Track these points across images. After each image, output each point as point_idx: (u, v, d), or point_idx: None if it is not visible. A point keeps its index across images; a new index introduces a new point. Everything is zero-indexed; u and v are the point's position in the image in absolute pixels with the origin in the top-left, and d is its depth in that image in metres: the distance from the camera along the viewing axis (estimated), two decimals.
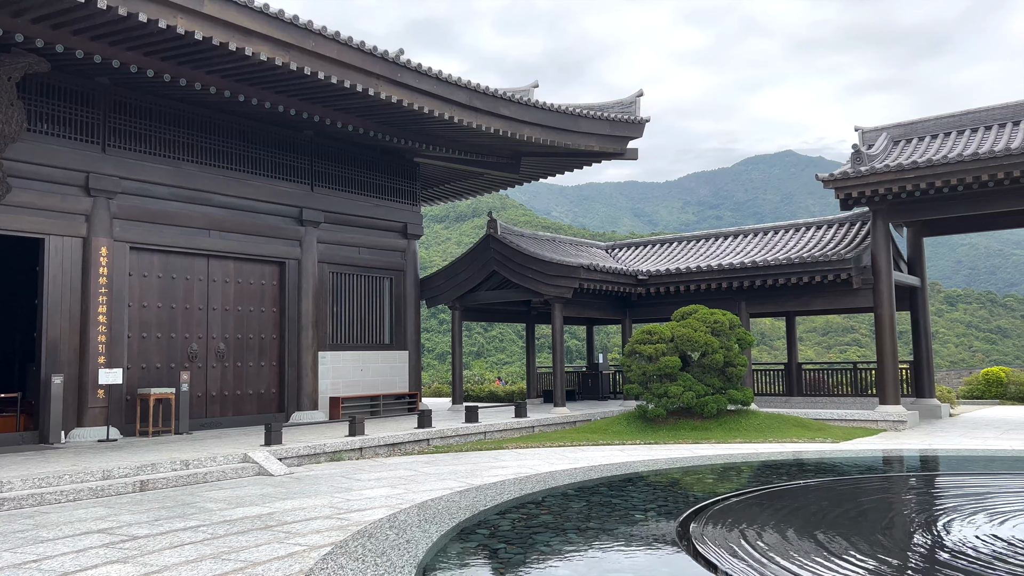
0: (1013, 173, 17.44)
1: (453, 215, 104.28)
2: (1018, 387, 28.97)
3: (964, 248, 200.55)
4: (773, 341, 75.74)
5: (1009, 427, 19.29)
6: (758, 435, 17.52)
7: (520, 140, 19.64)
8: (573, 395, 27.76)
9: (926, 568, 4.75)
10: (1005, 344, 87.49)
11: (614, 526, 5.91)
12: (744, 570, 4.61)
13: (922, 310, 23.19)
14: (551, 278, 20.84)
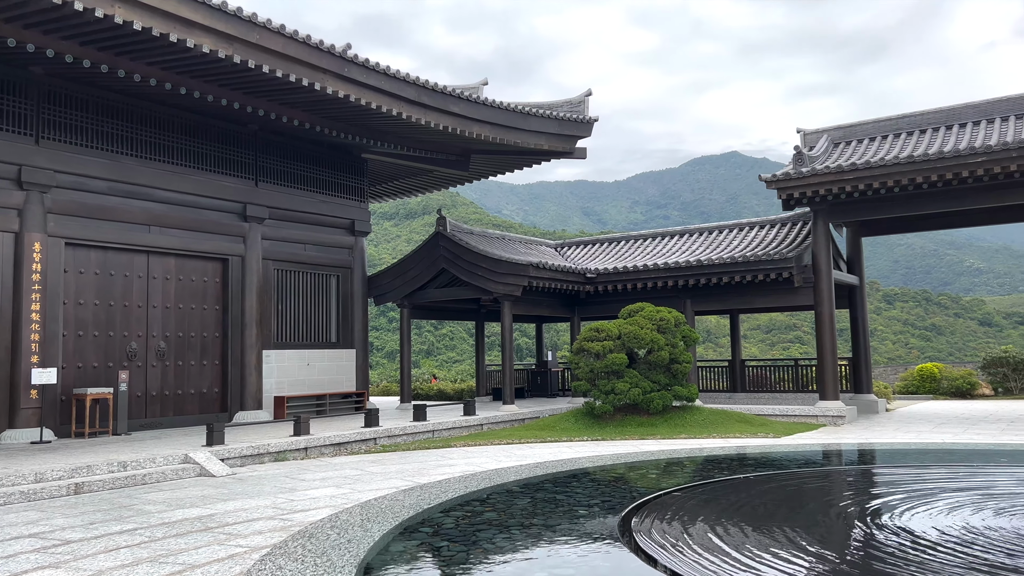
0: (945, 176, 18.05)
1: (403, 212, 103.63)
2: (950, 382, 30.01)
3: (901, 248, 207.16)
4: (718, 338, 77.10)
5: (941, 421, 19.97)
6: (702, 431, 17.81)
7: (470, 138, 19.60)
8: (523, 393, 27.84)
9: (857, 556, 4.89)
10: (939, 341, 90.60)
11: (558, 522, 5.94)
12: (683, 563, 4.68)
13: (860, 308, 23.86)
14: (501, 276, 20.85)
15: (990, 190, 18.53)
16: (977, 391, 29.71)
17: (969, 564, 4.59)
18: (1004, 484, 7.54)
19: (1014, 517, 5.90)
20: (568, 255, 27.25)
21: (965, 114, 20.59)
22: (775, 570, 4.55)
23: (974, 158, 17.63)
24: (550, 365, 28.21)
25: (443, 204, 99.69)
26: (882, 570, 4.61)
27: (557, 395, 27.71)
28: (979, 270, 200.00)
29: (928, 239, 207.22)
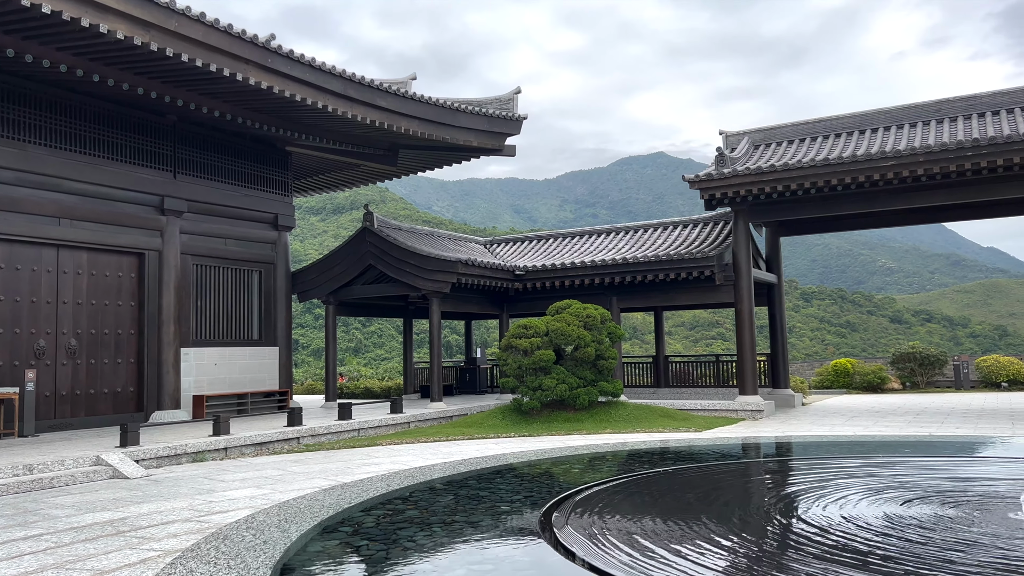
0: (859, 178, 18.80)
1: (330, 207, 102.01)
2: (863, 377, 31.31)
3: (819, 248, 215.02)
4: (644, 335, 78.52)
5: (853, 414, 20.81)
6: (627, 425, 18.10)
7: (398, 132, 19.42)
8: (451, 390, 27.78)
9: (770, 545, 5.04)
10: (853, 338, 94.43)
11: (480, 518, 5.95)
12: (600, 556, 4.74)
13: (778, 306, 24.64)
14: (429, 272, 20.74)
15: (900, 193, 19.38)
16: (887, 385, 31.08)
17: (875, 549, 4.79)
18: (908, 474, 7.91)
19: (916, 505, 6.18)
20: (498, 252, 27.30)
21: (878, 119, 21.48)
22: (689, 561, 4.65)
23: (885, 162, 18.40)
24: (479, 362, 28.23)
25: (372, 199, 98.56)
26: (793, 558, 4.77)
27: (486, 392, 27.74)
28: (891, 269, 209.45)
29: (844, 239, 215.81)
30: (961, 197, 19.08)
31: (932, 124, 20.38)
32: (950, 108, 20.62)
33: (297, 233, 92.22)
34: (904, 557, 4.59)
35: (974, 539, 4.98)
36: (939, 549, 4.72)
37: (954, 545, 4.81)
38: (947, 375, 31.39)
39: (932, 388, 30.91)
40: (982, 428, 16.48)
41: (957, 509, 5.96)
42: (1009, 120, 19.03)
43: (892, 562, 4.44)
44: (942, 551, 4.66)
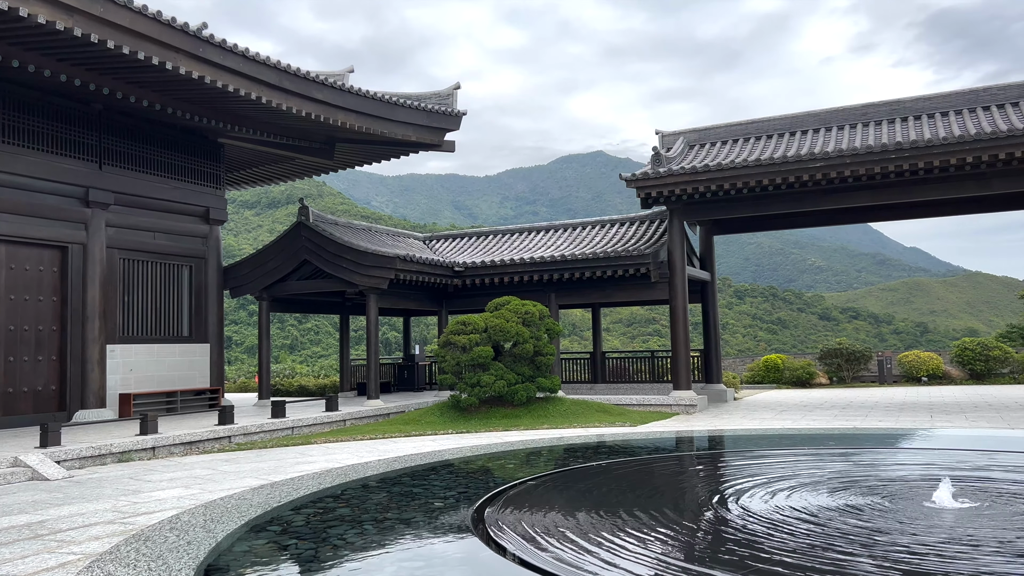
0: (789, 179, 19.31)
1: (265, 201, 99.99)
2: (792, 372, 32.22)
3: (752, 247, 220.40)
4: (583, 331, 79.22)
5: (783, 408, 21.39)
6: (564, 421, 18.24)
7: (334, 125, 19.13)
8: (389, 387, 27.55)
9: (700, 535, 5.14)
10: (784, 334, 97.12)
11: (412, 515, 5.91)
12: (530, 550, 4.76)
13: (712, 303, 25.16)
14: (366, 268, 20.50)
15: (828, 193, 19.98)
16: (815, 380, 32.05)
17: (800, 537, 4.93)
18: (833, 466, 8.16)
19: (839, 495, 6.39)
20: (437, 248, 27.18)
21: (807, 122, 22.10)
22: (618, 553, 4.70)
23: (813, 163, 18.94)
24: (417, 359, 28.07)
25: (309, 194, 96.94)
26: (720, 547, 4.88)
27: (424, 389, 27.61)
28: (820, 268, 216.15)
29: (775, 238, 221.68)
30: (885, 198, 19.78)
31: (859, 127, 21.07)
32: (875, 112, 21.35)
33: (231, 227, 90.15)
34: (827, 544, 4.73)
35: (891, 526, 5.17)
36: (859, 535, 4.89)
37: (873, 531, 4.99)
38: (872, 370, 32.55)
39: (857, 383, 32.02)
40: (903, 421, 17.14)
41: (878, 498, 6.17)
42: (930, 125, 19.81)
43: (815, 549, 4.58)
44: (862, 537, 4.83)
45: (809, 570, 4.25)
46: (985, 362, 30.38)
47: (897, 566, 4.21)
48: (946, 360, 31.92)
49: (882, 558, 4.39)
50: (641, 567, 4.45)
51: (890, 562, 4.30)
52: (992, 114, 19.48)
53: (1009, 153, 17.42)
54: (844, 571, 4.23)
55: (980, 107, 20.03)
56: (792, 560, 4.41)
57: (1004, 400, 21.84)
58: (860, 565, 4.31)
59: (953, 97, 20.73)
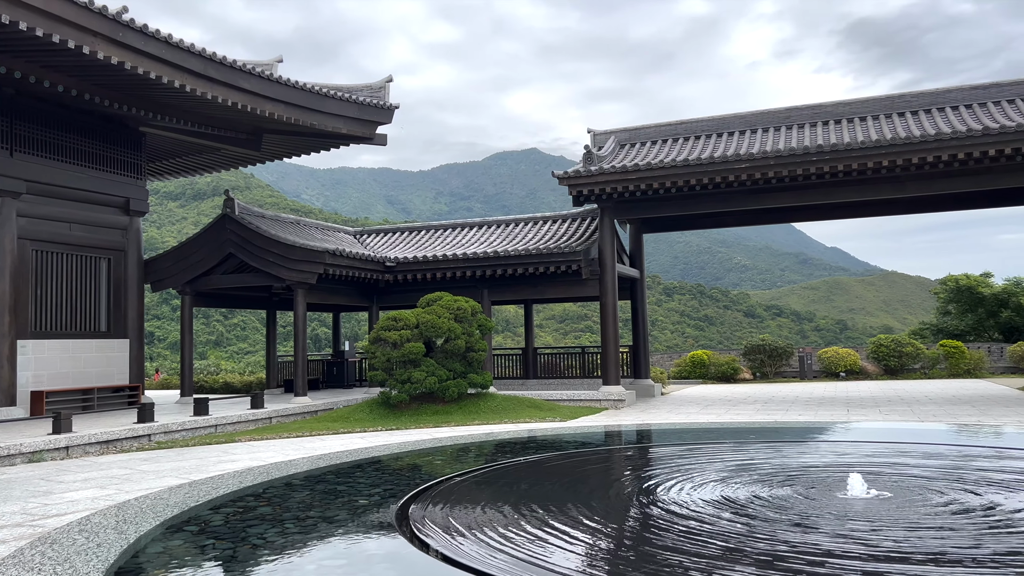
0: (715, 179, 19.75)
1: (190, 192, 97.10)
2: (718, 368, 33.02)
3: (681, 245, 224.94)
4: (516, 328, 79.53)
5: (708, 403, 21.89)
6: (495, 417, 18.27)
7: (262, 116, 18.68)
8: (317, 384, 27.12)
9: (623, 529, 5.21)
10: (711, 331, 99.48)
11: (336, 513, 5.81)
12: (454, 546, 4.74)
13: (641, 299, 25.57)
14: (294, 263, 20.11)
15: (753, 194, 20.52)
16: (740, 376, 32.92)
17: (722, 526, 5.05)
18: (753, 458, 8.39)
19: (760, 486, 6.56)
20: (368, 243, 26.85)
21: (734, 123, 22.64)
22: (543, 547, 4.73)
23: (739, 164, 19.42)
24: (347, 355, 27.70)
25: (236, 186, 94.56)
26: (643, 539, 4.95)
27: (354, 386, 27.27)
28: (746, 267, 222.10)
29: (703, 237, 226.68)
30: (807, 199, 20.44)
31: (783, 129, 21.70)
32: (798, 115, 22.03)
33: (154, 220, 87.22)
34: (746, 533, 4.86)
35: (804, 515, 5.34)
36: (777, 524, 5.04)
37: (789, 520, 5.15)
38: (793, 366, 33.63)
39: (779, 378, 33.03)
40: (821, 415, 17.75)
41: (795, 489, 6.37)
42: (849, 129, 20.54)
43: (735, 537, 4.70)
44: (779, 525, 4.98)
45: (719, 557, 4.35)
46: (899, 358, 31.72)
47: (807, 549, 4.36)
48: (863, 356, 33.21)
49: (794, 543, 4.54)
50: (563, 559, 4.48)
51: (801, 546, 4.45)
52: (907, 120, 20.32)
53: (922, 157, 18.20)
54: (759, 559, 4.35)
55: (896, 113, 20.87)
56: (707, 547, 4.52)
57: (915, 395, 22.85)
58: (775, 551, 4.44)
59: (871, 103, 21.55)
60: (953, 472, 7.14)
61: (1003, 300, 36.80)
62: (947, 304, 40.21)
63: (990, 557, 4.29)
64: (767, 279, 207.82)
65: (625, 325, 29.20)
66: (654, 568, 4.24)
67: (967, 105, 20.32)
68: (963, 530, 4.92)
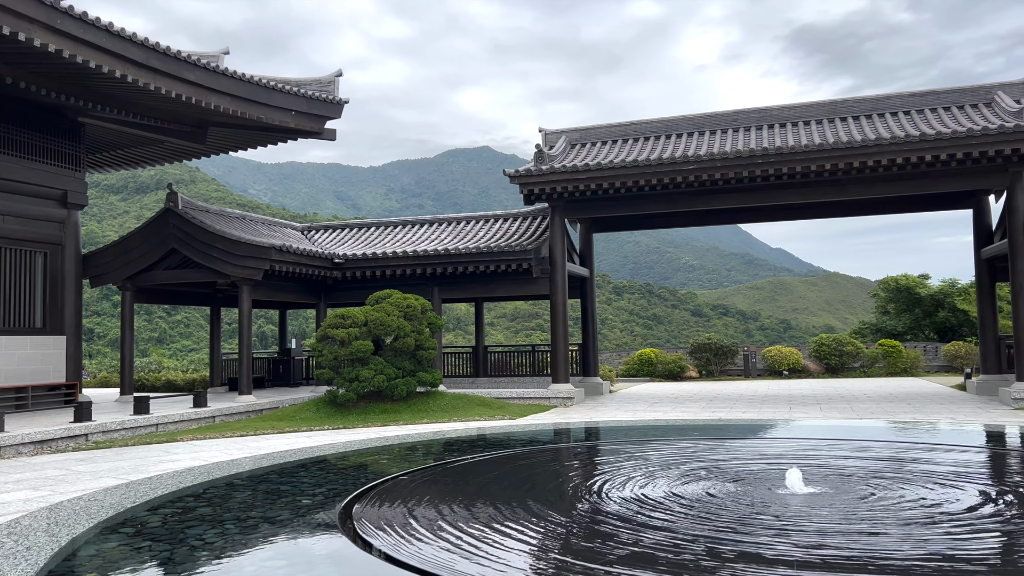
0: (663, 180, 20.00)
1: (133, 185, 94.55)
2: (665, 366, 33.46)
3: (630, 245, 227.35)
4: (467, 326, 79.41)
5: (655, 401, 22.17)
6: (445, 415, 18.21)
7: (207, 108, 18.28)
8: (263, 383, 26.68)
9: (567, 525, 5.24)
10: (659, 329, 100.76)
11: (278, 513, 5.72)
12: (396, 545, 4.71)
13: (591, 298, 25.75)
14: (239, 258, 19.73)
15: (700, 195, 20.83)
16: (686, 373, 33.41)
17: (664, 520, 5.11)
18: (697, 455, 8.52)
19: (704, 481, 6.67)
20: (316, 239, 26.50)
21: (682, 125, 22.95)
22: (486, 545, 4.72)
23: (687, 166, 19.70)
24: (294, 353, 27.31)
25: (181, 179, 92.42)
26: (583, 535, 4.99)
27: (301, 384, 26.90)
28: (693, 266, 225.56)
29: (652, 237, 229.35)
30: (753, 201, 20.83)
31: (729, 132, 22.08)
32: (745, 118, 22.43)
33: (94, 213, 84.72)
34: (688, 526, 4.93)
35: (744, 509, 5.45)
36: (716, 518, 5.13)
37: (729, 514, 5.25)
38: (738, 364, 34.26)
39: (725, 376, 33.62)
40: (764, 412, 18.12)
41: (735, 484, 6.49)
42: (793, 132, 21.00)
43: (673, 532, 4.76)
44: (719, 519, 5.07)
45: (661, 549, 4.40)
46: (839, 357, 32.56)
47: (745, 539, 4.44)
48: (805, 355, 34.01)
49: (734, 535, 4.63)
50: (506, 558, 4.48)
51: (739, 537, 4.53)
52: (848, 124, 20.86)
53: (863, 162, 18.71)
54: (699, 551, 4.42)
55: (838, 117, 21.40)
56: (649, 539, 4.57)
57: (855, 392, 23.49)
58: (717, 545, 4.52)
59: (815, 107, 22.06)
60: (887, 467, 7.36)
61: (939, 300, 38.05)
62: (886, 304, 41.41)
63: (912, 552, 4.44)
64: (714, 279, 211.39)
65: (575, 323, 29.39)
66: (593, 564, 4.28)
67: (906, 111, 20.95)
68: (890, 523, 5.08)
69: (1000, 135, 17.79)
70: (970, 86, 20.97)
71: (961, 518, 5.27)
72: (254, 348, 56.44)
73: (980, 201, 22.38)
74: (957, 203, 22.75)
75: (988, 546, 4.55)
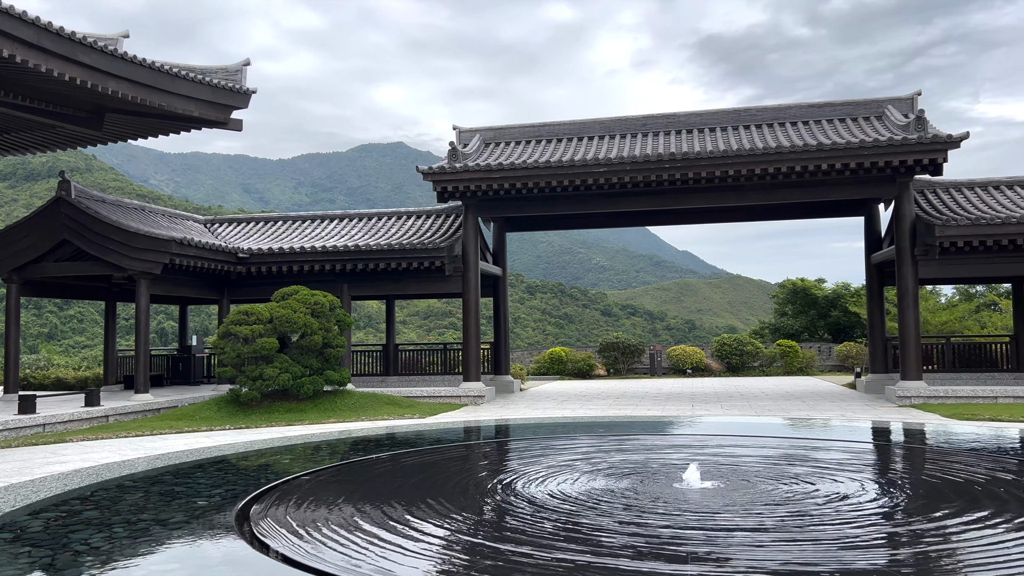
0: (575, 181, 20.29)
1: (22, 172, 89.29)
2: (575, 364, 33.96)
3: (544, 245, 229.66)
4: (379, 324, 78.45)
5: (564, 398, 22.46)
6: (352, 414, 17.95)
7: (104, 93, 17.41)
8: (161, 381, 25.67)
9: (472, 522, 5.24)
10: (570, 328, 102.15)
11: (171, 515, 5.50)
12: (293, 546, 4.62)
13: (503, 297, 25.89)
14: (137, 251, 18.91)
15: (610, 197, 21.24)
16: (595, 372, 34.00)
17: (566, 517, 5.18)
18: (602, 451, 8.67)
19: (606, 478, 6.79)
20: (221, 233, 25.66)
21: (594, 128, 23.34)
22: (385, 545, 4.68)
23: (597, 168, 20.04)
24: (195, 351, 26.39)
25: (76, 167, 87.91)
26: (483, 532, 5.00)
27: (202, 383, 26.01)
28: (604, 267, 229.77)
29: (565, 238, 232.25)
30: (661, 204, 21.38)
31: (639, 136, 22.59)
32: (654, 123, 22.99)
33: None
34: (581, 523, 5.02)
35: (643, 503, 5.59)
36: (615, 512, 5.24)
37: (627, 508, 5.37)
38: (645, 363, 35.10)
39: (632, 374, 34.39)
40: (668, 409, 18.63)
41: (636, 480, 6.65)
42: (700, 138, 21.66)
43: (569, 526, 4.84)
44: (617, 513, 5.19)
45: (558, 547, 4.47)
46: (740, 356, 33.79)
47: (639, 533, 4.57)
48: (708, 354, 35.14)
49: (630, 528, 4.75)
50: (409, 556, 4.45)
51: (634, 530, 4.65)
52: (751, 132, 21.66)
53: (763, 168, 19.46)
54: (596, 548, 4.50)
55: (742, 125, 22.20)
56: (545, 535, 4.63)
57: (753, 390, 24.43)
58: (614, 540, 4.61)
59: (720, 115, 22.81)
60: (780, 462, 7.68)
61: (833, 302, 39.98)
62: (784, 306, 43.23)
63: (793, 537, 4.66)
64: (623, 279, 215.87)
65: (488, 322, 29.45)
66: (496, 560, 4.30)
67: (804, 121, 21.92)
68: (780, 517, 5.30)
69: (889, 147, 18.84)
70: (863, 99, 22.13)
71: (841, 507, 5.55)
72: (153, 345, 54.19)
73: (871, 209, 23.65)
74: (851, 211, 23.96)
75: (868, 531, 4.82)
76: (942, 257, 19.54)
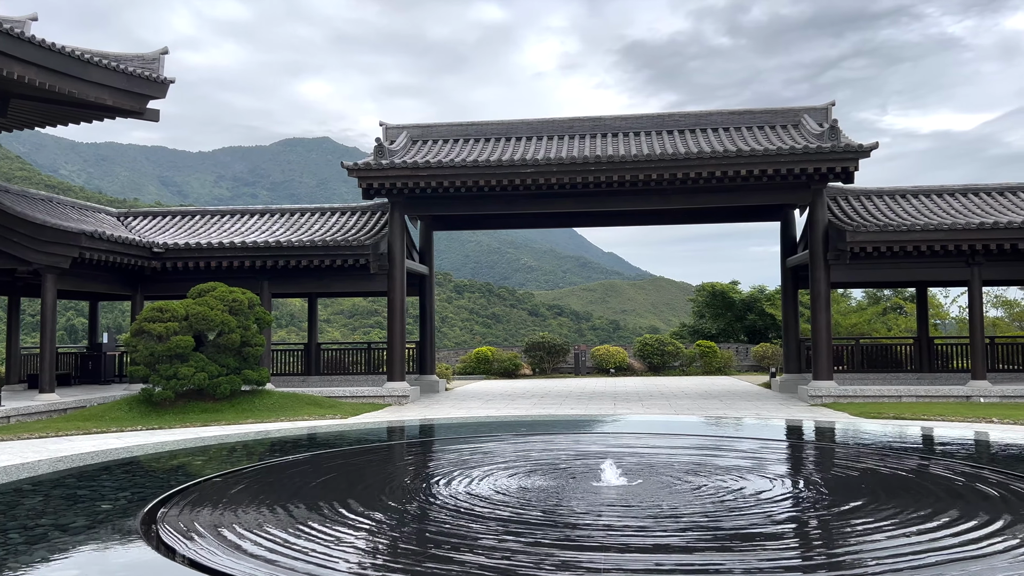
0: (502, 181, 20.34)
1: None
2: (501, 363, 34.04)
3: (472, 244, 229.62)
4: (301, 322, 76.94)
5: (489, 398, 22.49)
6: (271, 414, 17.55)
7: (9, 78, 16.54)
8: (69, 380, 24.57)
9: (386, 523, 5.19)
10: (498, 328, 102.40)
11: (73, 520, 5.27)
12: (200, 550, 4.48)
13: (429, 296, 25.74)
14: (43, 244, 18.04)
15: (537, 198, 21.37)
16: (521, 371, 34.17)
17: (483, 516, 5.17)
18: (524, 451, 8.71)
19: (525, 477, 6.82)
20: (135, 226, 24.72)
21: (521, 129, 23.44)
22: (296, 548, 4.59)
23: (524, 169, 20.14)
24: (105, 348, 25.36)
25: None
26: (400, 531, 4.96)
27: (113, 382, 25.01)
28: (531, 267, 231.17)
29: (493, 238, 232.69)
30: (586, 206, 21.63)
31: (566, 138, 22.80)
32: (580, 126, 23.25)
33: None
34: (507, 516, 5.03)
35: (560, 500, 5.64)
36: (534, 509, 5.27)
37: (544, 504, 5.41)
38: (569, 362, 35.46)
39: (557, 374, 34.69)
40: (591, 408, 18.86)
41: (555, 477, 6.71)
42: (624, 142, 22.01)
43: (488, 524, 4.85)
44: (535, 510, 5.22)
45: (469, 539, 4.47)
46: (661, 356, 34.49)
47: (554, 528, 4.61)
48: (631, 354, 35.75)
49: (547, 524, 4.78)
50: (315, 559, 4.37)
51: (549, 526, 4.69)
52: (674, 137, 22.14)
53: (685, 173, 19.91)
54: (512, 548, 4.51)
55: (665, 130, 22.66)
56: (461, 533, 4.62)
57: (673, 390, 24.96)
58: (530, 536, 4.63)
59: (644, 119, 23.23)
60: (696, 458, 7.87)
61: (749, 305, 41.22)
62: (703, 308, 44.32)
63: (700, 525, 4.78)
64: (550, 280, 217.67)
65: (414, 321, 29.25)
66: (411, 560, 4.27)
67: (725, 128, 22.52)
68: (694, 509, 5.43)
69: (805, 155, 19.53)
70: (781, 108, 22.88)
71: (748, 499, 5.73)
72: (61, 343, 51.81)
73: (787, 215, 24.48)
74: (768, 216, 24.75)
75: (771, 519, 4.98)
76: (852, 262, 20.37)
